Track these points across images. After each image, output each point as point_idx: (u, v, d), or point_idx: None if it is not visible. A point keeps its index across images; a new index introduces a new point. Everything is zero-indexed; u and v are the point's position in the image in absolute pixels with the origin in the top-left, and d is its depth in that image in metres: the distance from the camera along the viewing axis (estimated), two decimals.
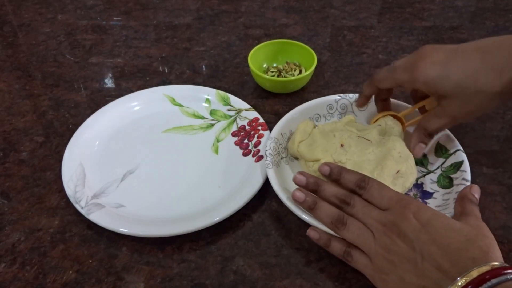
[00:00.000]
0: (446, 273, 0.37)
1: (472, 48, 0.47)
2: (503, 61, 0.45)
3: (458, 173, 0.51)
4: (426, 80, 0.48)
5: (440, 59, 0.47)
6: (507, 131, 0.62)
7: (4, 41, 0.83)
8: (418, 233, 0.40)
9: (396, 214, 0.42)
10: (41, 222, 0.52)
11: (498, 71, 0.45)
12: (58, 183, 0.56)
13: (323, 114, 0.61)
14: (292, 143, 0.56)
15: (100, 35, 0.84)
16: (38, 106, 0.68)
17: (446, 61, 0.47)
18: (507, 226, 0.50)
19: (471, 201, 0.45)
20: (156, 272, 0.47)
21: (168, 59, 0.77)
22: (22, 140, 0.62)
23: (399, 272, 0.40)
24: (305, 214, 0.47)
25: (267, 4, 0.91)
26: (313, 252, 0.48)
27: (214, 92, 0.66)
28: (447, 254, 0.37)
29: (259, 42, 0.75)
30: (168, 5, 0.92)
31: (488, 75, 0.45)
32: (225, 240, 0.50)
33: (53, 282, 0.46)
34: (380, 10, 0.89)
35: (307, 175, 0.48)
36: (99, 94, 0.70)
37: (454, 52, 0.47)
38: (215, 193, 0.54)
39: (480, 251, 0.37)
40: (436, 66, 0.47)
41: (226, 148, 0.60)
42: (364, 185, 0.45)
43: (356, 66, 0.74)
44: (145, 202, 0.53)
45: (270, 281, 0.46)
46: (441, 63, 0.47)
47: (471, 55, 0.46)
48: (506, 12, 0.87)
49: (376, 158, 0.51)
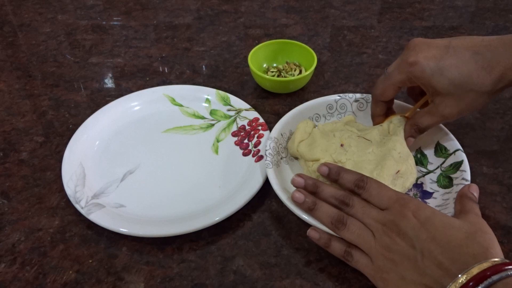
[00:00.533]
0: (447, 270, 0.37)
1: (463, 47, 0.47)
2: (491, 60, 0.46)
3: (458, 173, 0.51)
4: (422, 75, 0.48)
5: (433, 54, 0.48)
6: (507, 131, 0.62)
7: (4, 41, 0.83)
8: (417, 231, 0.40)
9: (395, 213, 0.42)
10: (41, 222, 0.52)
11: (487, 70, 0.46)
12: (58, 183, 0.56)
13: (323, 114, 0.61)
14: (292, 143, 0.56)
15: (100, 35, 0.84)
16: (38, 106, 0.68)
17: (440, 57, 0.47)
18: (507, 226, 0.50)
19: (470, 199, 0.45)
20: (156, 272, 0.47)
21: (168, 59, 0.77)
22: (22, 140, 0.62)
23: (400, 271, 0.40)
24: (305, 214, 0.47)
25: (267, 4, 0.91)
26: (313, 252, 0.48)
27: (214, 92, 0.66)
28: (447, 251, 0.38)
29: (259, 42, 0.75)
30: (168, 5, 0.92)
31: (480, 75, 0.46)
32: (225, 240, 0.50)
33: (53, 282, 0.46)
34: (380, 10, 0.89)
35: (305, 177, 0.49)
36: (99, 94, 0.70)
37: (446, 49, 0.48)
38: (215, 193, 0.54)
39: (480, 247, 0.37)
40: (430, 62, 0.47)
41: (226, 148, 0.60)
42: (363, 184, 0.45)
43: (356, 66, 0.74)
44: (145, 202, 0.53)
45: (270, 281, 0.46)
46: (435, 58, 0.47)
47: (463, 54, 0.47)
48: (506, 12, 0.87)
49: (376, 158, 0.51)
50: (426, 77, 0.48)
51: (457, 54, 0.47)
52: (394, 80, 0.52)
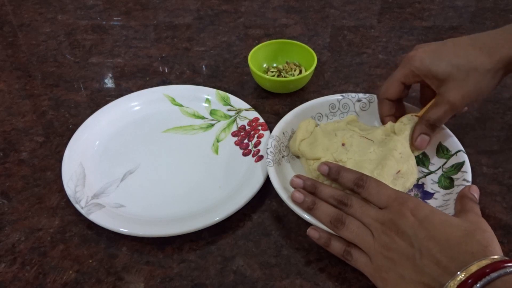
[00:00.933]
0: (446, 268, 0.37)
1: (461, 38, 0.51)
2: (491, 43, 0.48)
3: (459, 174, 0.51)
4: (421, 65, 0.50)
5: (432, 48, 0.51)
6: (507, 131, 0.62)
7: (4, 41, 0.83)
8: (416, 230, 0.40)
9: (394, 212, 0.42)
10: (41, 222, 0.52)
11: (487, 52, 0.48)
12: (58, 183, 0.56)
13: (325, 113, 0.61)
14: (293, 142, 0.56)
15: (100, 35, 0.84)
16: (38, 106, 0.68)
17: (438, 48, 0.51)
18: (507, 226, 0.50)
19: (470, 199, 0.45)
20: (156, 272, 0.47)
21: (168, 59, 0.77)
22: (22, 140, 0.62)
23: (399, 270, 0.40)
24: (305, 213, 0.47)
25: (267, 4, 0.91)
26: (313, 252, 0.48)
27: (214, 92, 0.66)
28: (446, 249, 0.38)
29: (259, 42, 0.75)
30: (168, 5, 0.92)
31: (477, 55, 0.48)
32: (225, 240, 0.50)
33: (53, 282, 0.46)
34: (380, 10, 0.89)
35: (304, 177, 0.49)
36: (99, 94, 0.70)
37: (444, 42, 0.52)
38: (215, 193, 0.54)
39: (479, 245, 0.37)
40: (429, 53, 0.51)
41: (226, 148, 0.60)
42: (362, 183, 0.45)
43: (356, 66, 0.74)
44: (145, 202, 0.53)
45: (270, 281, 0.46)
46: (433, 50, 0.51)
47: (460, 42, 0.51)
48: (506, 12, 0.87)
49: (377, 157, 0.51)
50: (425, 66, 0.50)
51: (455, 43, 0.50)
52: (396, 75, 0.53)
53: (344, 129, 0.56)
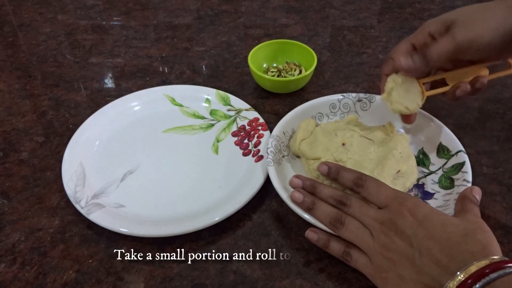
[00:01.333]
0: (445, 268, 0.37)
1: None
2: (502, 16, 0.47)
3: (459, 174, 0.51)
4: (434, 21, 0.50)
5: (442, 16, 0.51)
6: (507, 131, 0.62)
7: (4, 41, 0.83)
8: (415, 230, 0.40)
9: (393, 212, 0.42)
10: (41, 222, 0.52)
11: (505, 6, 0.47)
12: (58, 183, 0.56)
13: (325, 113, 0.61)
14: (294, 141, 0.56)
15: (100, 35, 0.84)
16: (38, 106, 0.68)
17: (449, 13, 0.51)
18: (507, 226, 0.50)
19: (471, 201, 0.45)
20: (156, 272, 0.47)
21: (168, 59, 0.77)
22: (22, 140, 0.62)
23: (398, 270, 0.40)
24: (305, 213, 0.47)
25: (267, 4, 0.91)
26: (313, 252, 0.48)
27: (214, 92, 0.66)
28: (445, 248, 0.37)
29: (259, 42, 0.75)
30: (168, 5, 0.92)
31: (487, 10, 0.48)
32: (225, 240, 0.50)
33: (53, 282, 0.46)
34: (380, 10, 0.89)
35: (303, 178, 0.49)
36: (99, 94, 0.70)
37: None
38: (215, 193, 0.54)
39: (478, 245, 0.37)
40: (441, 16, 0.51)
41: (226, 148, 0.60)
42: (362, 183, 0.45)
43: (356, 66, 0.74)
44: (145, 202, 0.53)
45: (270, 281, 0.46)
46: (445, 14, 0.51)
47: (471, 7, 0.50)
48: None
49: (377, 157, 0.51)
50: (438, 20, 0.50)
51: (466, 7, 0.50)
52: (408, 38, 0.52)
53: (344, 129, 0.56)
